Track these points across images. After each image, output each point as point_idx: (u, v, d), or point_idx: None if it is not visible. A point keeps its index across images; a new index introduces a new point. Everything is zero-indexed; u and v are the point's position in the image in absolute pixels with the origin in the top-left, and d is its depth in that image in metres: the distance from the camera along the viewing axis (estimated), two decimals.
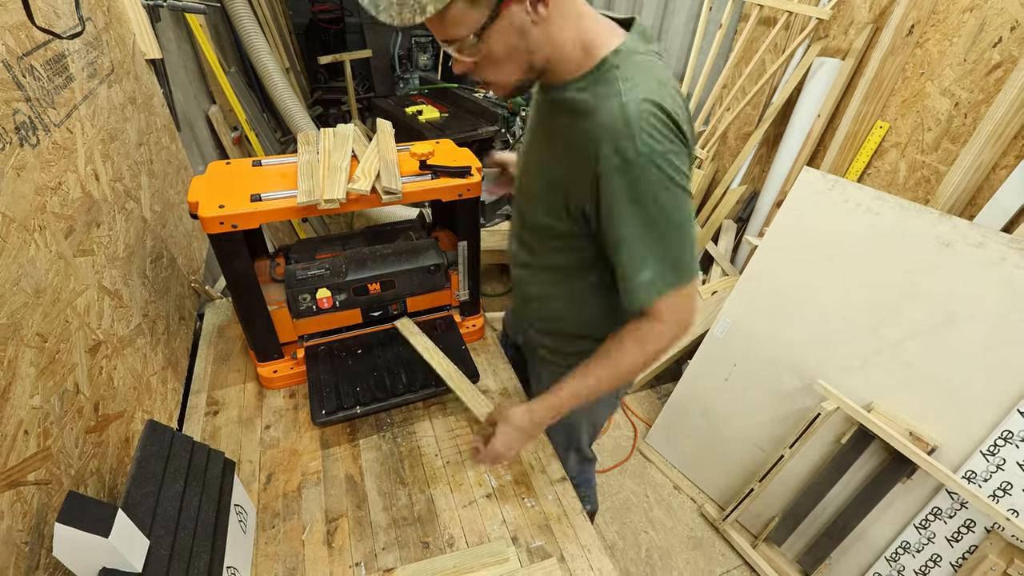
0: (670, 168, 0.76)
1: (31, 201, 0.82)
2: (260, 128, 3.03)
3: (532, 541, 1.01)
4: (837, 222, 1.54)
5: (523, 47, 0.77)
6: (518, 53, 0.77)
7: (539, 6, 0.72)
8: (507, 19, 0.72)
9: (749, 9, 2.34)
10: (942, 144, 1.87)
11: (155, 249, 1.31)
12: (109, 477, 0.92)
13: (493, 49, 0.76)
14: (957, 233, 1.35)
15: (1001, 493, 1.33)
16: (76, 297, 0.90)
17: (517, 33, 0.74)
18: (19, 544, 0.68)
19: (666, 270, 0.82)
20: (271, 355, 1.26)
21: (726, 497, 2.04)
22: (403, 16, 0.68)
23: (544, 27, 0.75)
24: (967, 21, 1.73)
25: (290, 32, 4.35)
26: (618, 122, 0.75)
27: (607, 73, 0.79)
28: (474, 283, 1.38)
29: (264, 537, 0.99)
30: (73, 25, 1.11)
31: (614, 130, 0.75)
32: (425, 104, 3.38)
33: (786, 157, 2.38)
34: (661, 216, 0.79)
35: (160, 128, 1.56)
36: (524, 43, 0.76)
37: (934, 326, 1.40)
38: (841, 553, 1.68)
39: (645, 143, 0.74)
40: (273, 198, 1.05)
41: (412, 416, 1.25)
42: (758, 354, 1.80)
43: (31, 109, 0.88)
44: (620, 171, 0.76)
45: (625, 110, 0.75)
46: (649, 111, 0.75)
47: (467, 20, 0.71)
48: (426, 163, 1.17)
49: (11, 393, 0.71)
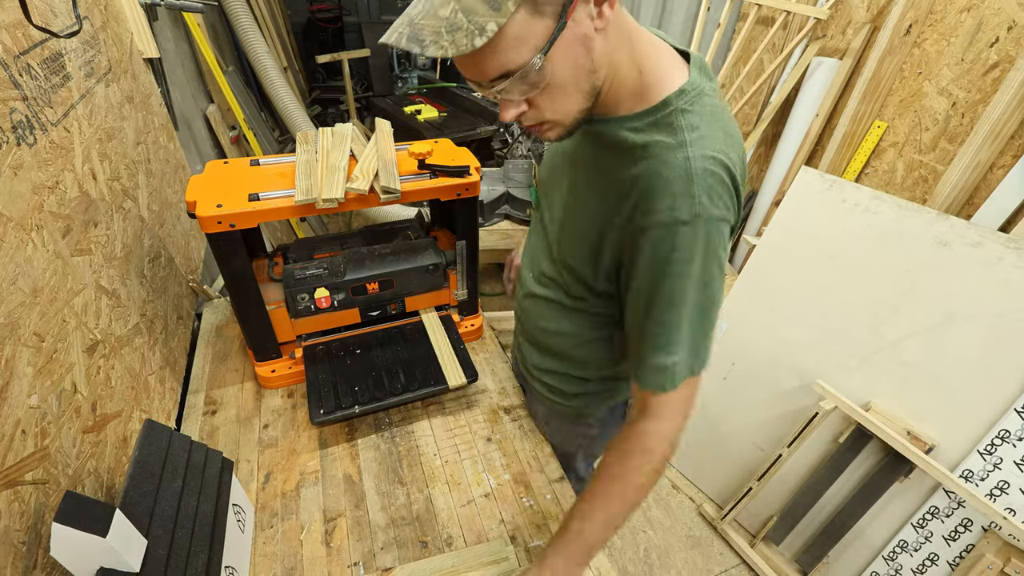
0: (719, 238, 0.67)
1: (28, 200, 0.82)
2: (258, 127, 3.02)
3: (531, 540, 1.01)
4: (835, 222, 1.55)
5: (588, 65, 0.63)
6: (583, 74, 0.64)
7: (604, 5, 0.59)
8: (572, 29, 0.59)
9: (747, 9, 2.34)
10: (939, 144, 1.87)
11: (153, 248, 1.31)
12: (107, 477, 0.91)
13: (558, 72, 0.62)
14: (955, 233, 1.35)
15: (998, 492, 1.33)
16: (74, 296, 0.90)
17: (583, 46, 0.61)
18: (16, 544, 0.68)
19: (689, 356, 0.71)
20: (269, 355, 1.26)
21: (724, 496, 2.05)
22: (459, 45, 0.55)
23: (605, 37, 0.63)
24: (964, 21, 1.73)
25: (288, 31, 4.35)
26: (679, 178, 0.65)
27: (670, 117, 0.68)
28: (472, 282, 1.38)
29: (262, 537, 0.99)
30: (70, 24, 1.10)
31: (672, 186, 0.65)
32: (423, 103, 3.38)
33: (784, 156, 2.38)
34: (700, 296, 0.69)
35: (158, 127, 1.56)
36: (589, 59, 0.63)
37: (932, 325, 1.41)
38: (839, 552, 1.68)
39: (703, 204, 0.65)
40: (271, 197, 1.05)
41: (410, 416, 1.25)
42: (756, 353, 1.80)
43: (28, 108, 0.87)
44: (671, 231, 0.66)
45: (689, 166, 0.65)
46: (713, 171, 0.65)
47: (531, 36, 0.57)
48: (424, 162, 1.17)
49: (8, 393, 0.70)
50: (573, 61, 0.62)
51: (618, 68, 0.67)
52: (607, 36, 0.63)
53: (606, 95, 0.69)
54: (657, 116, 0.69)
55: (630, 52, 0.67)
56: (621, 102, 0.71)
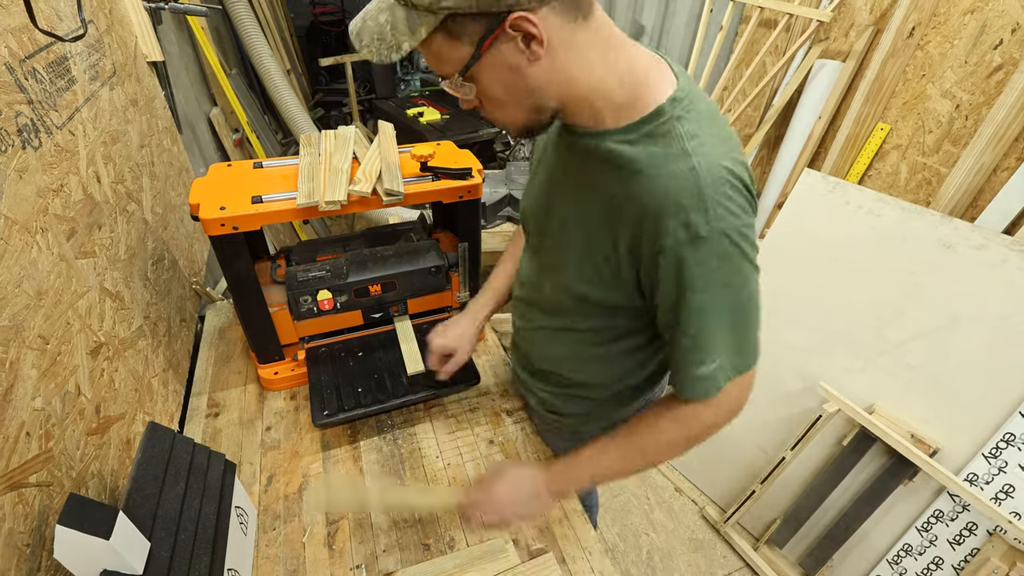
0: (745, 243, 0.66)
1: (33, 203, 0.82)
2: (261, 130, 3.03)
3: (533, 543, 1.00)
4: (838, 224, 1.54)
5: (523, 87, 0.65)
6: (519, 93, 0.66)
7: (533, 44, 0.60)
8: (495, 58, 0.62)
9: (750, 11, 2.34)
10: (943, 146, 1.86)
11: (156, 251, 1.31)
12: (110, 479, 0.92)
13: (487, 89, 0.66)
14: (958, 235, 1.35)
15: (1003, 496, 1.33)
16: (78, 299, 0.91)
17: (511, 72, 0.63)
18: (20, 546, 0.68)
19: (731, 358, 0.72)
20: (272, 357, 1.26)
21: (727, 499, 2.04)
22: (381, 54, 0.61)
23: (548, 65, 0.63)
24: (968, 23, 1.73)
25: (291, 34, 4.36)
26: (688, 191, 0.63)
27: (666, 126, 0.65)
28: (475, 284, 1.38)
29: (265, 539, 0.99)
30: (75, 28, 1.11)
31: (682, 200, 0.63)
32: (426, 106, 3.39)
33: (787, 159, 2.38)
34: (733, 301, 0.68)
35: (162, 130, 1.57)
36: (523, 83, 0.64)
37: (936, 328, 1.40)
38: (843, 555, 1.68)
39: (720, 217, 0.63)
40: (274, 200, 1.06)
41: (413, 418, 1.25)
42: (759, 356, 1.79)
43: (33, 111, 0.88)
44: (689, 249, 0.64)
45: (697, 177, 0.63)
46: (724, 179, 0.64)
47: (450, 58, 0.63)
48: (427, 165, 1.18)
49: (13, 395, 0.71)
50: (502, 82, 0.65)
51: (574, 86, 0.66)
52: (554, 61, 0.63)
53: (578, 109, 0.69)
54: (651, 126, 0.66)
55: (606, 66, 0.66)
56: (605, 115, 0.68)
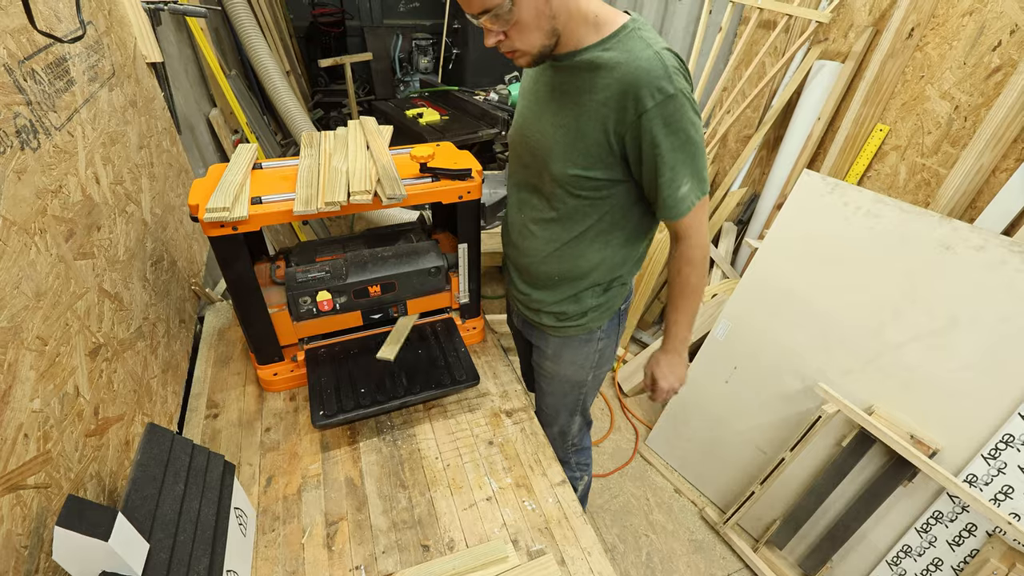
0: (694, 103, 0.94)
1: (32, 204, 0.82)
2: (261, 131, 3.03)
3: (532, 544, 1.00)
4: (837, 225, 1.54)
5: (547, 12, 0.88)
6: (543, 18, 0.89)
7: None
8: None
9: (749, 12, 2.35)
10: (942, 147, 1.87)
11: (155, 252, 1.31)
12: (109, 480, 0.92)
13: (523, 15, 0.87)
14: (957, 236, 1.35)
15: (1002, 497, 1.33)
16: (76, 300, 0.90)
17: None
18: (19, 548, 0.68)
19: (696, 183, 0.99)
20: (271, 358, 1.26)
21: (727, 500, 2.04)
22: None
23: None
24: (966, 24, 1.73)
25: (291, 35, 4.36)
26: (656, 67, 0.89)
27: (632, 34, 0.93)
28: (475, 285, 1.38)
29: (264, 540, 0.99)
30: (74, 29, 1.11)
31: (653, 73, 0.89)
32: (425, 107, 3.39)
33: (786, 160, 2.38)
34: (692, 140, 0.94)
35: (161, 131, 1.56)
36: (548, 7, 0.88)
37: (935, 329, 1.40)
38: (842, 556, 1.68)
39: (678, 80, 0.90)
40: (273, 201, 1.05)
41: (412, 419, 1.25)
42: (759, 356, 1.80)
43: (32, 113, 0.88)
44: (663, 105, 0.90)
45: (661, 58, 0.89)
46: (675, 58, 0.92)
47: None
48: (426, 166, 1.18)
49: (11, 396, 0.71)
50: (535, 7, 0.87)
51: (576, 14, 0.92)
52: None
53: (568, 35, 0.94)
54: (619, 36, 0.93)
55: (586, 4, 0.93)
56: (583, 37, 0.95)
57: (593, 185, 1.04)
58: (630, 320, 2.83)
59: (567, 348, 1.30)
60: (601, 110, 0.95)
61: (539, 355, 1.38)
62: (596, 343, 1.29)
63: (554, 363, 1.35)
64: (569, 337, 1.28)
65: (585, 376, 1.36)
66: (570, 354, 1.31)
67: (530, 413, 1.29)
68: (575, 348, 1.30)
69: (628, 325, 2.85)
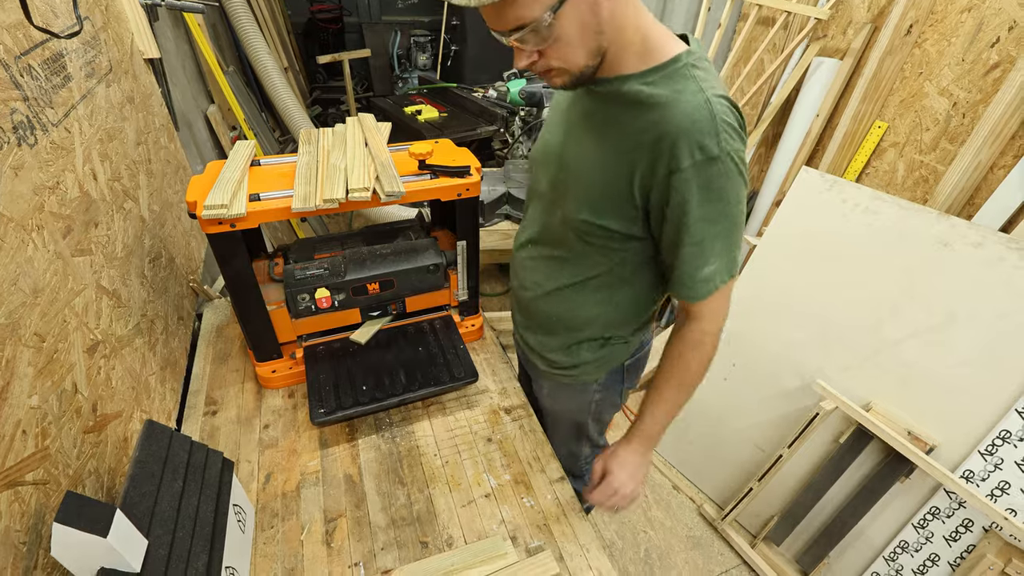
0: (743, 165, 0.80)
1: (29, 201, 0.82)
2: (259, 127, 3.02)
3: (531, 540, 1.01)
4: (836, 222, 1.55)
5: (594, 26, 0.74)
6: (589, 34, 0.74)
7: None
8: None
9: (748, 9, 2.34)
10: (940, 144, 1.87)
11: (153, 249, 1.31)
12: (107, 477, 0.92)
13: (565, 29, 0.72)
14: (956, 233, 1.35)
15: (999, 492, 1.33)
16: (74, 297, 0.90)
17: (591, 9, 0.72)
18: (17, 544, 0.68)
19: (725, 264, 0.84)
20: (270, 355, 1.26)
21: (725, 497, 2.05)
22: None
23: (611, 9, 0.73)
24: (965, 21, 1.73)
25: (289, 32, 4.34)
26: (703, 119, 0.75)
27: (683, 70, 0.79)
28: (473, 283, 1.38)
29: (263, 537, 0.99)
30: (71, 24, 1.11)
31: (697, 125, 0.75)
32: (424, 104, 3.38)
33: (785, 157, 2.38)
34: (732, 212, 0.81)
35: (158, 127, 1.56)
36: (595, 21, 0.73)
37: (932, 326, 1.40)
38: (839, 552, 1.68)
39: (727, 140, 0.76)
40: (271, 198, 1.05)
41: (411, 416, 1.25)
42: (757, 354, 1.80)
43: (29, 109, 0.87)
44: (702, 167, 0.76)
45: (710, 106, 0.75)
46: (729, 109, 0.77)
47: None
48: (425, 163, 1.17)
49: (9, 393, 0.70)
50: (580, 20, 0.72)
51: (625, 32, 0.77)
52: (615, 4, 0.73)
53: (613, 56, 0.79)
54: (670, 70, 0.79)
55: (636, 21, 0.77)
56: (627, 62, 0.80)
57: (605, 235, 0.92)
58: None
59: (562, 392, 1.25)
60: (630, 155, 0.82)
61: (537, 390, 1.33)
62: (592, 395, 1.21)
63: (551, 402, 1.30)
64: (563, 385, 1.22)
65: (584, 419, 1.28)
66: (565, 399, 1.26)
67: (529, 411, 1.29)
68: (569, 395, 1.24)
69: None
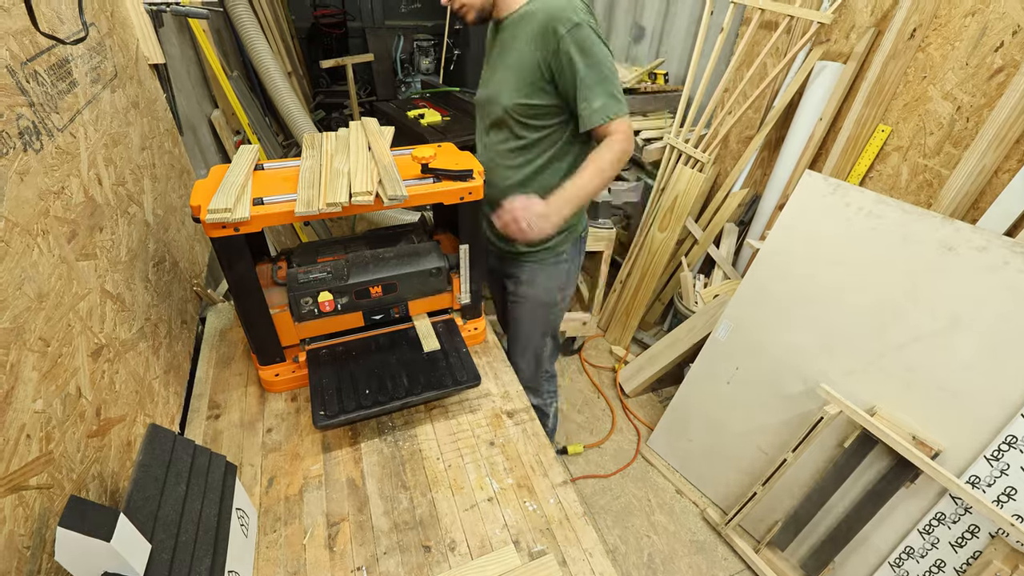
0: (599, 30, 1.21)
1: (34, 206, 0.82)
2: (262, 132, 3.04)
3: (534, 545, 1.00)
4: (839, 226, 1.54)
5: None
6: None
7: None
8: None
9: (751, 13, 2.34)
10: (944, 148, 1.86)
11: (157, 253, 1.31)
12: (111, 481, 0.92)
13: None
14: (960, 237, 1.35)
15: (1005, 498, 1.32)
16: (79, 301, 0.91)
17: None
18: (21, 548, 0.68)
19: (611, 102, 1.23)
20: (273, 358, 1.26)
21: (729, 501, 2.04)
22: None
23: None
24: (969, 25, 1.73)
25: (292, 36, 4.37)
26: (563, 5, 1.18)
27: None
28: (476, 286, 1.38)
29: (266, 541, 0.99)
30: (77, 30, 1.11)
31: (561, 12, 1.18)
32: (427, 108, 3.39)
33: (788, 161, 2.38)
34: (602, 62, 1.20)
35: (163, 132, 1.57)
36: None
37: (937, 330, 1.40)
38: (844, 558, 1.67)
39: (583, 14, 1.19)
40: (275, 202, 1.06)
41: (413, 419, 1.25)
42: (760, 357, 1.79)
43: (35, 114, 0.88)
44: (571, 33, 1.17)
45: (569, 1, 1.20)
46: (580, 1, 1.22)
47: None
48: (428, 167, 1.18)
49: (13, 397, 0.71)
50: None
51: None
52: None
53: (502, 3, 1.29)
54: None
55: None
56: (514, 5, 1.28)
57: (535, 112, 1.30)
58: (630, 321, 2.83)
59: (540, 272, 1.56)
60: (532, 48, 1.23)
61: (515, 284, 1.60)
62: (563, 264, 1.56)
63: (529, 287, 1.58)
64: (541, 261, 1.53)
65: (555, 296, 1.61)
66: (543, 278, 1.56)
67: (531, 414, 1.29)
68: (547, 271, 1.55)
69: (628, 326, 2.85)
